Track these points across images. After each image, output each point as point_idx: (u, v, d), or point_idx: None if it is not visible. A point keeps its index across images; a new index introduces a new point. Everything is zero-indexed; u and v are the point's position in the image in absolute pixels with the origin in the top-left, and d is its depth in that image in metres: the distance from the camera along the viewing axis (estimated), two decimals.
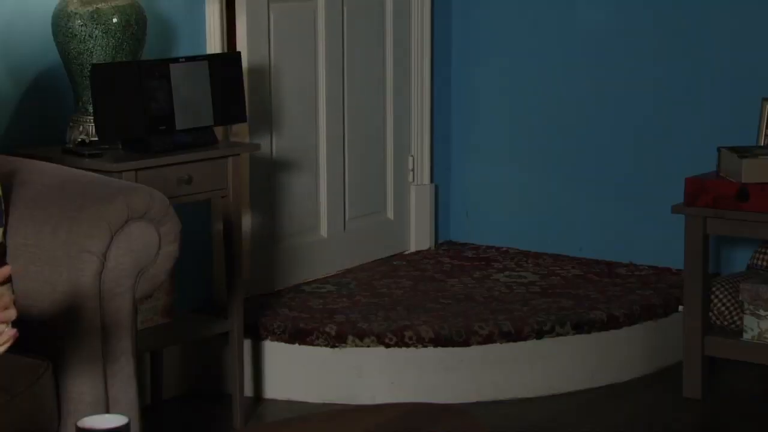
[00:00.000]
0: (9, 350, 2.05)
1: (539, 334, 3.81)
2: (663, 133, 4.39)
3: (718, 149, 3.83)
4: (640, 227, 4.45)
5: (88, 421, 1.95)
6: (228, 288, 3.57)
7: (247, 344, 3.74)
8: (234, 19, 4.12)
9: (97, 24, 3.33)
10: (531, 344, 3.80)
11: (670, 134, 4.38)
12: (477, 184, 4.78)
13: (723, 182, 3.71)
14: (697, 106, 4.30)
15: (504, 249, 4.71)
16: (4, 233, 2.69)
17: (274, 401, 3.81)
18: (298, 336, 3.77)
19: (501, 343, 3.78)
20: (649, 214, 4.38)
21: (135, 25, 3.40)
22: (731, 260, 4.28)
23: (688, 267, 3.77)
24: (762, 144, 3.99)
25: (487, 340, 3.76)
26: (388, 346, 3.72)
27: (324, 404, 3.73)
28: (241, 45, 4.10)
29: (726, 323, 3.84)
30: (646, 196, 4.41)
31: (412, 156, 4.68)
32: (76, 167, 3.05)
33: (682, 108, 4.34)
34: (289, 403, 3.78)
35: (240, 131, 4.08)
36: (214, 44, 3.94)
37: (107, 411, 2.65)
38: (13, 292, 2.09)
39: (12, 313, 2.04)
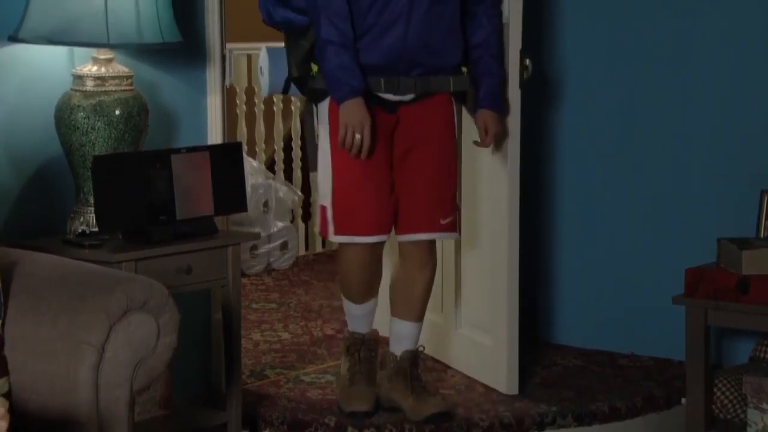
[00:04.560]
0: None
1: (540, 426, 3.77)
2: (663, 223, 4.39)
3: (718, 240, 3.83)
4: (641, 317, 4.43)
5: None
6: (227, 378, 3.55)
7: None
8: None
9: (99, 116, 3.36)
10: None
11: (671, 224, 4.38)
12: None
13: (723, 273, 3.71)
14: (696, 197, 4.31)
15: None
16: (3, 325, 2.68)
17: None
18: (297, 427, 3.73)
19: None
20: (650, 304, 4.36)
21: (137, 116, 3.42)
22: (733, 351, 4.25)
23: (689, 358, 3.75)
24: (762, 236, 3.98)
25: (488, 431, 3.72)
26: None
27: None
28: None
29: (729, 416, 3.81)
30: (647, 286, 4.40)
31: None
32: (76, 258, 3.05)
33: (682, 198, 4.35)
34: None
35: None
36: (215, 134, 3.96)
37: None
38: (9, 387, 2.08)
39: (2, 425, 2.02)
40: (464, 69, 3.55)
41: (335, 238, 3.60)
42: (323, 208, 3.59)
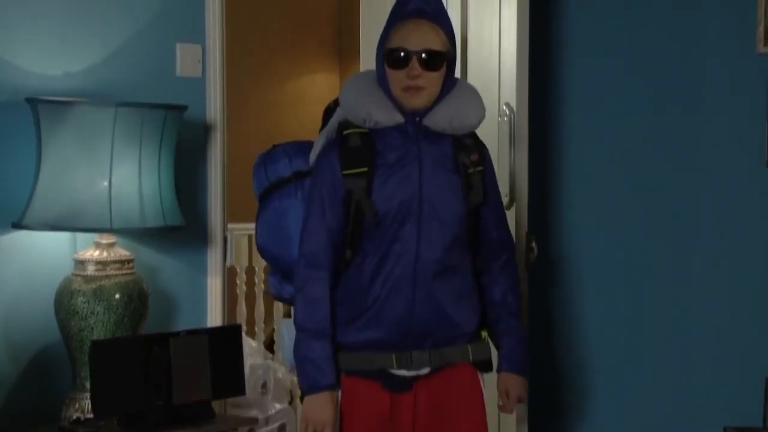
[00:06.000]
0: None
1: None
2: (669, 410, 4.33)
3: (724, 429, 3.77)
4: None
5: None
6: None
7: None
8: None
9: (99, 300, 3.35)
10: None
11: (676, 413, 4.31)
12: None
13: None
14: (701, 385, 4.26)
15: None
16: None
17: None
18: None
19: None
20: None
21: (137, 300, 3.41)
22: None
23: None
24: None
25: None
26: None
27: None
28: None
29: None
30: None
31: None
32: None
33: (687, 386, 4.30)
34: None
35: None
36: (215, 315, 3.94)
37: None
38: None
39: None
40: (484, 334, 3.20)
41: None
42: None
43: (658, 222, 4.36)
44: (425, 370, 3.10)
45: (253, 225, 6.25)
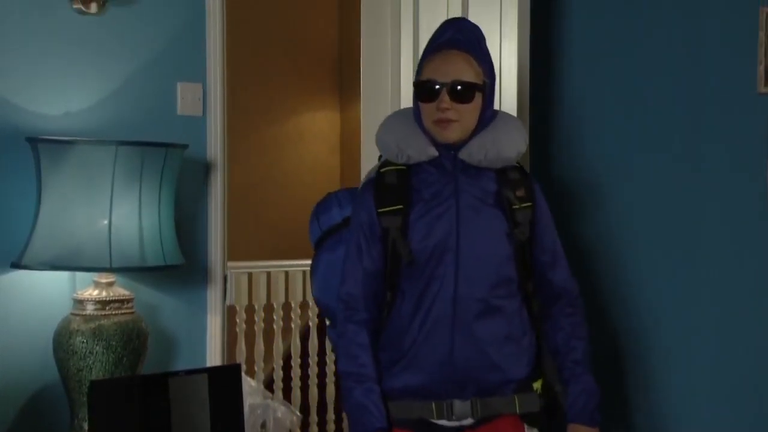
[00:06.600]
0: None
1: None
2: None
3: None
4: None
5: None
6: None
7: None
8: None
9: (98, 340, 3.34)
10: None
11: None
12: None
13: None
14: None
15: None
16: None
17: None
18: None
19: None
20: None
21: (136, 339, 3.40)
22: None
23: None
24: None
25: None
26: None
27: None
28: None
29: None
30: None
31: None
32: None
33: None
34: None
35: None
36: (214, 355, 3.93)
37: None
38: None
39: None
40: (536, 385, 2.98)
41: None
42: None
43: (659, 257, 4.35)
44: (468, 421, 2.92)
45: (252, 263, 6.32)
